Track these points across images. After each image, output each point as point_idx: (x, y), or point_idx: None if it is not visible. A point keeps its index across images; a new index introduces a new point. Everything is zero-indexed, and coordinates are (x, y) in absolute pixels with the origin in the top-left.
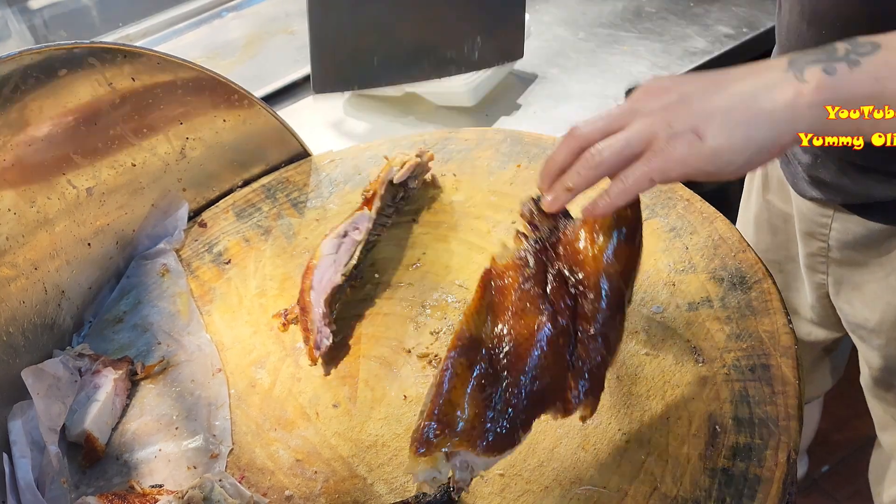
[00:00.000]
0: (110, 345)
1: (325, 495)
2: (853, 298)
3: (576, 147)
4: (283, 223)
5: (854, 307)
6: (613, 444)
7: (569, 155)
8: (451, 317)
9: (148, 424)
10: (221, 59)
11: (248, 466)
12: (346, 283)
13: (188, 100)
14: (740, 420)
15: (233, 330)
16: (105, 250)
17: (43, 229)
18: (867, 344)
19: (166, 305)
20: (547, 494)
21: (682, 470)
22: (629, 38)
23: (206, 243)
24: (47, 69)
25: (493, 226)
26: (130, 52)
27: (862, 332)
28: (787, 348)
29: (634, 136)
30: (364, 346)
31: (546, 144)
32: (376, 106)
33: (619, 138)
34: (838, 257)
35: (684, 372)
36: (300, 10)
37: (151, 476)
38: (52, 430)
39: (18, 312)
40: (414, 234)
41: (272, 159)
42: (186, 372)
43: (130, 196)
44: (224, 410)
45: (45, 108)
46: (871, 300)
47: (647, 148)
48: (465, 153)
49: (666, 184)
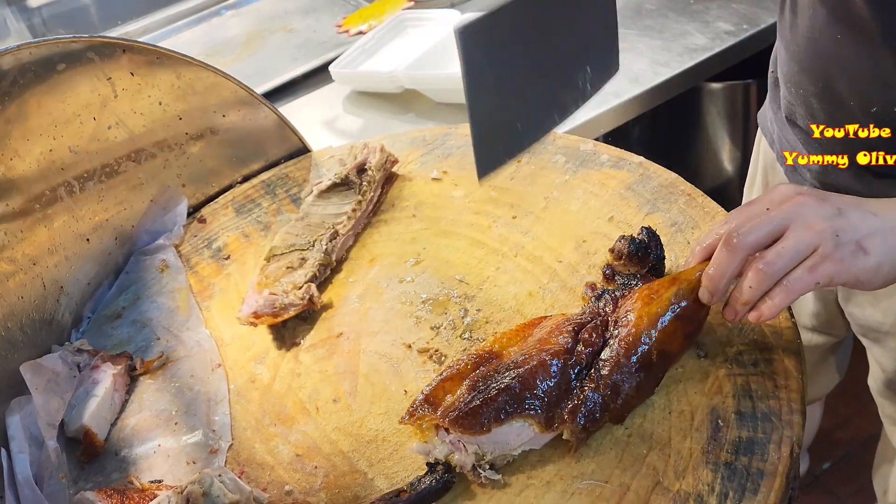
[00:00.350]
0: (109, 340)
1: (326, 490)
2: (864, 303)
3: (743, 256)
4: (282, 219)
5: (865, 312)
6: (615, 439)
7: (739, 264)
8: (451, 312)
9: (147, 420)
10: (220, 57)
11: (247, 461)
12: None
13: (187, 95)
14: (743, 414)
15: (232, 325)
16: (104, 246)
17: (41, 225)
18: (881, 346)
19: (165, 301)
20: (549, 489)
21: (684, 464)
22: (629, 35)
23: (205, 239)
24: (46, 63)
25: (493, 221)
26: (129, 47)
27: (875, 335)
28: (790, 342)
29: (803, 246)
30: (364, 341)
31: (546, 140)
32: (375, 103)
33: (789, 249)
34: None
35: (686, 366)
36: (298, 8)
37: (150, 471)
38: (50, 425)
39: (17, 308)
40: (414, 230)
41: (272, 155)
42: (186, 367)
43: (129, 192)
44: (223, 406)
45: (43, 103)
46: (884, 304)
47: (811, 254)
48: (465, 149)
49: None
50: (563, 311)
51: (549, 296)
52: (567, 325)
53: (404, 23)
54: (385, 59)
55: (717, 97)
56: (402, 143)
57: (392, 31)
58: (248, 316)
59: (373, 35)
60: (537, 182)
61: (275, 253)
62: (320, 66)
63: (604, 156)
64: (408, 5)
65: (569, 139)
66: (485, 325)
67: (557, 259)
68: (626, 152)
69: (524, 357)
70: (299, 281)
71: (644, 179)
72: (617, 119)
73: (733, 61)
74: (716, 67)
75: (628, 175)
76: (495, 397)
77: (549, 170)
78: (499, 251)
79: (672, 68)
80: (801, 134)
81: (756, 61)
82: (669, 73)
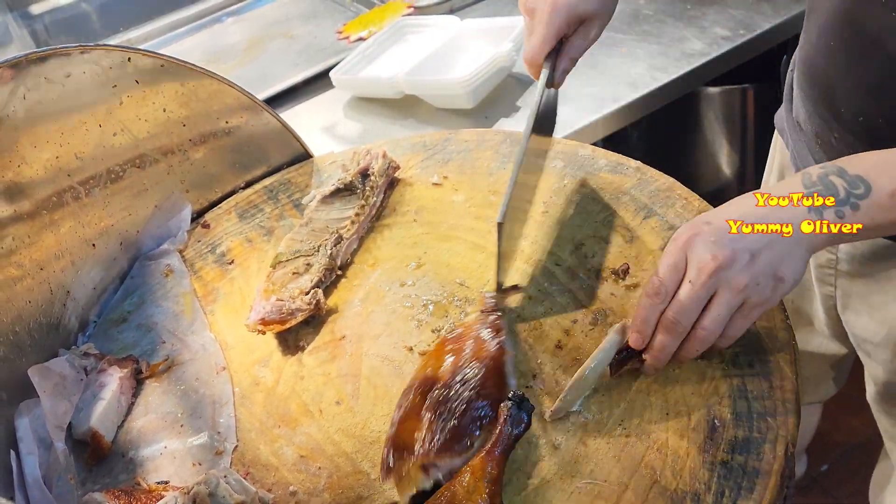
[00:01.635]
0: (115, 344)
1: (329, 491)
2: (861, 312)
3: (673, 319)
4: (285, 224)
5: (861, 320)
6: (613, 439)
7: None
8: (452, 315)
9: (153, 422)
10: (222, 63)
11: (252, 463)
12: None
13: (191, 102)
14: (739, 414)
15: (236, 329)
16: (109, 251)
17: (48, 230)
18: (873, 359)
19: (170, 305)
20: (548, 488)
21: (681, 463)
22: (627, 40)
23: (209, 244)
24: (52, 71)
25: (493, 226)
26: (135, 55)
27: (868, 347)
28: (785, 344)
29: (734, 304)
30: (366, 344)
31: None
32: (376, 108)
33: (721, 313)
34: (847, 269)
35: (683, 368)
36: (299, 14)
37: (157, 473)
38: (58, 427)
39: (24, 312)
40: (415, 234)
41: (274, 161)
42: (191, 370)
43: (134, 197)
44: (228, 408)
45: (50, 110)
46: (878, 314)
47: (731, 306)
48: (465, 154)
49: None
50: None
51: (548, 299)
52: (483, 329)
53: (404, 29)
54: (385, 65)
55: (715, 102)
56: (402, 149)
57: (392, 37)
58: (256, 322)
59: (373, 41)
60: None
61: (280, 259)
62: (321, 73)
63: (601, 160)
64: (407, 11)
65: (567, 144)
66: None
67: (556, 262)
68: (624, 157)
69: (469, 369)
70: (305, 286)
71: (641, 184)
72: (615, 124)
73: (730, 66)
74: (713, 72)
75: (626, 179)
76: (465, 412)
77: (548, 174)
78: None
79: (669, 73)
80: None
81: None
82: (667, 77)
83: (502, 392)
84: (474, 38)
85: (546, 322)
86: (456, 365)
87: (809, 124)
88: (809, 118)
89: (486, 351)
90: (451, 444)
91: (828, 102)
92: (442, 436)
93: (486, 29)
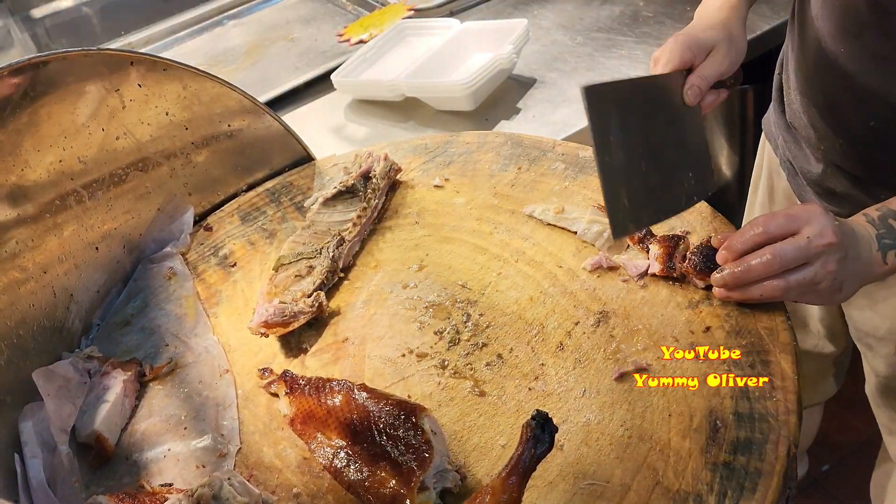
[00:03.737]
0: (118, 347)
1: (332, 493)
2: (864, 307)
3: (772, 255)
4: (287, 226)
5: (864, 314)
6: (616, 440)
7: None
8: (454, 317)
9: (157, 425)
10: (223, 67)
11: (255, 465)
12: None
13: (193, 105)
14: (740, 415)
15: (239, 332)
16: (112, 254)
17: (52, 233)
18: (875, 352)
19: (173, 308)
20: (552, 490)
21: (683, 464)
22: (626, 42)
23: (211, 247)
24: (56, 75)
25: (494, 227)
26: (137, 59)
27: (870, 341)
28: (786, 345)
29: (816, 278)
30: (369, 346)
31: (546, 147)
32: (377, 111)
33: (807, 277)
34: None
35: (685, 368)
36: (300, 17)
37: (161, 475)
38: (62, 430)
39: (28, 315)
40: (417, 236)
41: (276, 164)
42: (194, 373)
43: (137, 200)
44: (232, 410)
45: (53, 114)
46: (881, 309)
47: (812, 281)
48: (467, 156)
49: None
50: (562, 315)
51: (550, 300)
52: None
53: (404, 31)
54: (386, 68)
55: None
56: (403, 151)
57: (392, 39)
58: (259, 325)
59: (374, 44)
60: (537, 188)
61: (283, 262)
62: (322, 75)
63: None
64: (408, 14)
65: (568, 146)
66: (487, 330)
67: (558, 264)
68: None
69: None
70: (308, 289)
71: None
72: None
73: None
74: None
75: None
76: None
77: (549, 176)
78: (500, 257)
79: None
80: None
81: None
82: None
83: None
84: (475, 40)
85: (548, 324)
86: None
87: (811, 129)
88: (811, 123)
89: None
90: (418, 467)
91: (832, 110)
92: (405, 465)
93: (487, 31)
